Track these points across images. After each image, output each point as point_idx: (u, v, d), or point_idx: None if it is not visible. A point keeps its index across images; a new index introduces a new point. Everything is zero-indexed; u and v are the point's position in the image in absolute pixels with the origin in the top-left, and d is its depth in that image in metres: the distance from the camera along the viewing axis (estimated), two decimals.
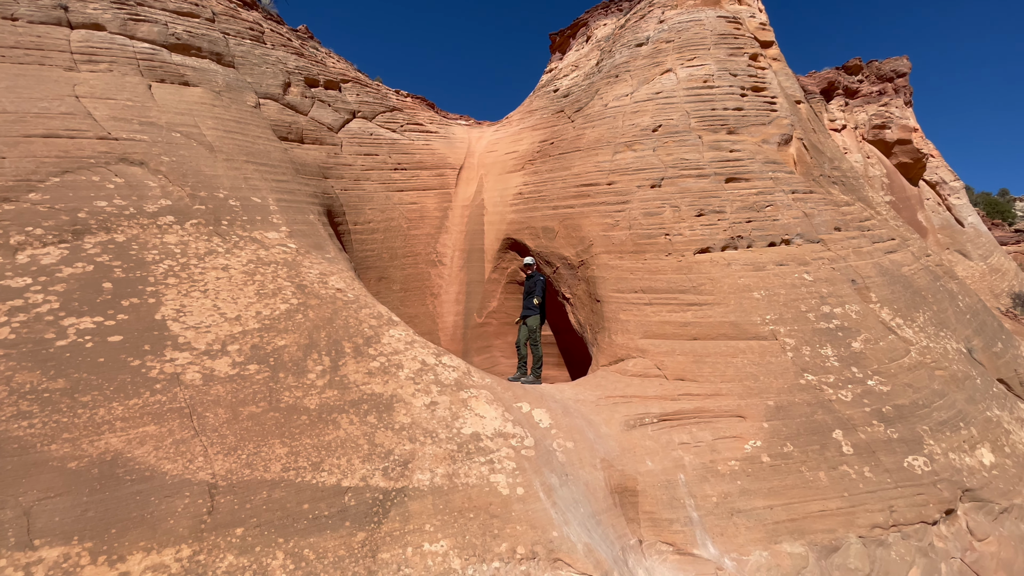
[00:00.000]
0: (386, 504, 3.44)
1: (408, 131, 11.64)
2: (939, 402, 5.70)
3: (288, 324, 4.50)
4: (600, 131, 9.50)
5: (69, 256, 4.25)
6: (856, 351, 6.01)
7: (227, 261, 4.95)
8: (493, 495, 3.73)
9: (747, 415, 5.31)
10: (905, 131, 21.21)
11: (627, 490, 4.61)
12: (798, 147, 9.04)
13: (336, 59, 11.71)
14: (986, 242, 20.68)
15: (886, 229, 8.53)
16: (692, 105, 9.11)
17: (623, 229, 7.72)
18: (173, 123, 6.40)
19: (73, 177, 4.96)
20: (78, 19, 6.85)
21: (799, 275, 6.83)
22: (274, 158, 7.26)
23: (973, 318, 7.87)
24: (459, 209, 11.27)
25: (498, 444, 4.17)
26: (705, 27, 10.28)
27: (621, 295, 7.05)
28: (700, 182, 8.00)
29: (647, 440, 5.06)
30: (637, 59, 10.39)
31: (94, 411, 3.29)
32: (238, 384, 3.81)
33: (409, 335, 5.11)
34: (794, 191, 8.05)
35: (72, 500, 2.87)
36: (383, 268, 9.68)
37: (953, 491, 4.91)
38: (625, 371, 6.18)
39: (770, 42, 10.84)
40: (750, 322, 6.22)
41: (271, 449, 3.48)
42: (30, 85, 5.74)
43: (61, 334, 3.66)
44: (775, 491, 4.71)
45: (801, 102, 10.50)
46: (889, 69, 23.00)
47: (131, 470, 3.09)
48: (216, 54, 8.05)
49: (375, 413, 4.01)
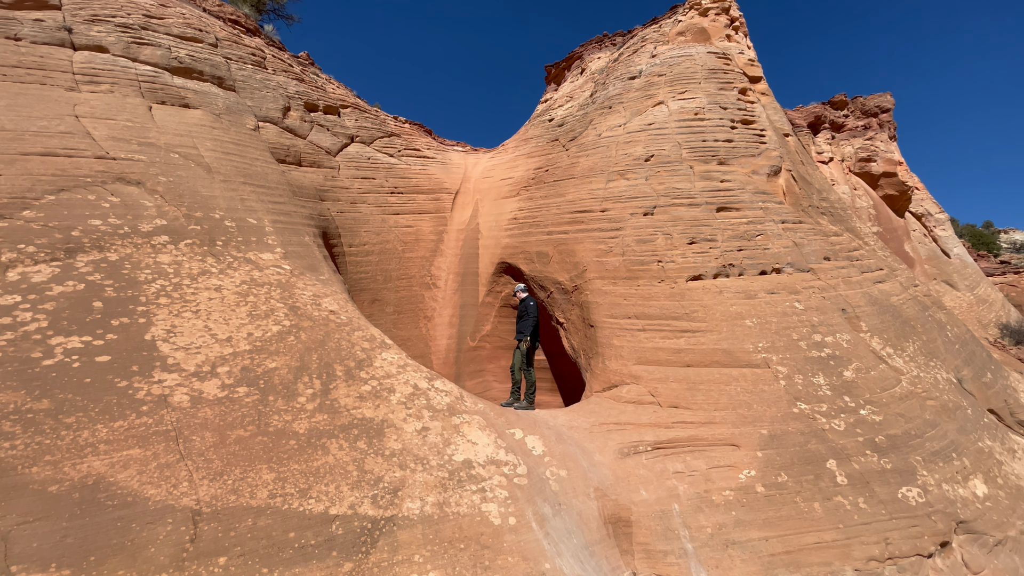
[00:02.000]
0: (375, 533, 3.35)
1: (405, 156, 11.80)
2: (931, 432, 5.71)
3: (280, 346, 4.46)
4: (594, 160, 9.68)
5: (60, 274, 4.22)
6: (848, 380, 6.04)
7: (220, 282, 4.92)
8: (484, 525, 3.66)
9: (741, 444, 5.28)
10: (890, 164, 21.78)
11: (621, 520, 4.53)
12: (787, 178, 9.25)
13: (336, 85, 11.93)
14: (972, 273, 21.04)
15: (874, 259, 8.68)
16: (683, 136, 9.33)
17: (616, 255, 7.79)
18: (172, 144, 6.45)
19: (69, 195, 4.95)
20: (82, 41, 6.96)
21: (790, 304, 6.90)
22: (271, 180, 7.31)
23: (962, 348, 7.96)
24: (454, 233, 11.35)
25: (490, 472, 4.11)
26: (696, 62, 10.63)
27: (615, 320, 7.07)
28: (692, 211, 8.13)
29: (641, 469, 5.00)
30: (630, 91, 10.68)
31: (78, 433, 3.21)
32: (227, 407, 3.74)
33: (402, 358, 5.07)
34: (784, 221, 8.20)
35: (51, 525, 2.77)
36: (377, 290, 9.66)
37: (947, 523, 4.88)
38: (619, 397, 6.15)
39: (758, 77, 11.20)
40: (743, 350, 6.25)
41: (258, 474, 3.40)
42: (30, 104, 5.78)
43: (48, 353, 3.60)
44: (770, 522, 4.65)
45: (789, 135, 10.80)
46: (873, 105, 23.76)
47: (113, 495, 3.00)
48: (218, 78, 8.18)
49: (365, 438, 3.95)
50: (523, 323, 7.11)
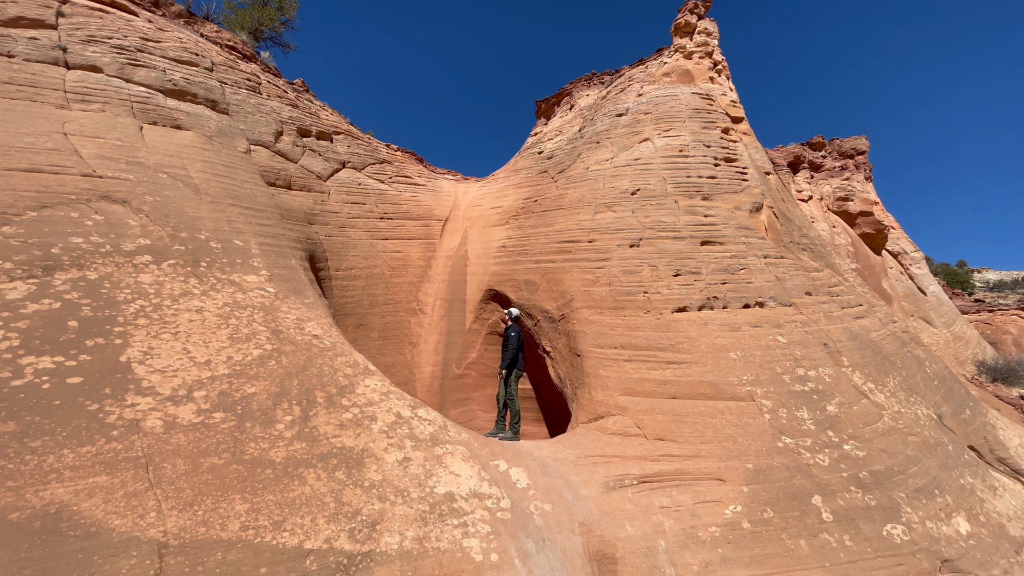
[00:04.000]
0: (351, 569, 3.22)
1: (396, 183, 11.90)
2: (914, 468, 5.73)
3: (260, 371, 4.35)
4: (582, 192, 9.86)
5: (36, 292, 4.10)
6: (831, 415, 6.07)
7: (202, 303, 4.83)
8: (465, 561, 3.53)
9: (727, 478, 5.23)
10: (867, 204, 22.55)
11: (606, 557, 4.42)
12: (769, 215, 9.50)
13: (330, 112, 12.08)
14: (948, 310, 21.58)
15: (854, 295, 8.87)
16: (669, 172, 9.59)
17: (603, 285, 7.85)
18: (161, 164, 6.42)
19: (51, 212, 4.87)
20: (76, 60, 6.99)
21: (773, 337, 6.98)
22: (260, 202, 7.29)
23: (941, 384, 8.08)
24: (443, 259, 11.36)
25: (473, 505, 4.00)
26: (680, 102, 11.02)
27: (601, 350, 7.06)
28: (677, 243, 8.28)
29: (627, 503, 4.92)
30: (617, 127, 11.00)
31: (43, 458, 3.06)
32: (201, 433, 3.62)
33: (385, 385, 4.98)
34: (766, 255, 8.38)
35: (9, 555, 2.61)
36: (362, 315, 9.56)
37: (932, 562, 4.84)
38: (605, 429, 6.09)
39: (740, 118, 11.64)
40: (728, 382, 6.27)
41: (230, 505, 3.26)
42: (18, 120, 5.74)
43: (18, 373, 3.46)
44: (756, 560, 4.57)
45: (770, 173, 11.15)
46: (850, 147, 24.76)
47: (76, 524, 2.84)
48: (211, 101, 8.24)
49: (344, 468, 3.83)
50: (504, 352, 7.15)
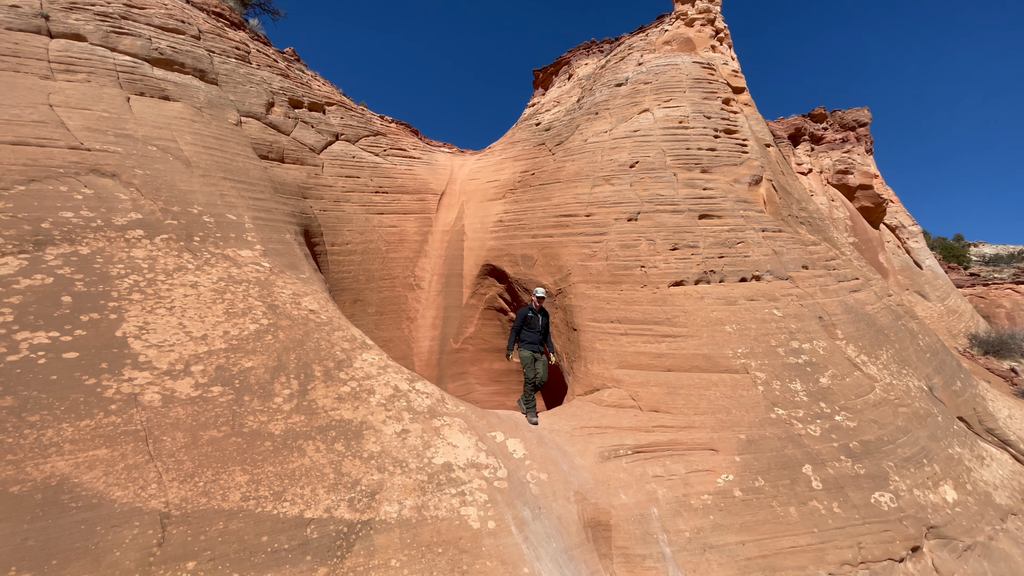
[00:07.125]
0: (351, 537, 3.29)
1: (391, 155, 11.71)
2: (903, 439, 5.84)
3: (257, 345, 4.36)
4: (580, 164, 9.73)
5: (28, 267, 4.07)
6: (824, 386, 6.15)
7: (196, 278, 4.81)
8: (463, 529, 3.62)
9: (719, 448, 5.33)
10: (866, 177, 22.36)
11: (600, 524, 4.53)
12: (768, 188, 9.42)
13: (322, 82, 11.79)
14: (943, 284, 21.68)
15: (850, 269, 8.88)
16: (668, 144, 9.44)
17: (600, 260, 7.83)
18: (150, 136, 6.29)
19: (40, 186, 4.79)
20: (59, 29, 6.76)
21: (769, 310, 7.01)
22: (252, 176, 7.18)
23: (933, 357, 8.17)
24: (439, 234, 11.28)
25: (470, 475, 4.07)
26: (681, 71, 10.77)
27: (598, 324, 7.09)
28: (675, 217, 8.22)
29: (621, 472, 5.02)
30: (616, 98, 10.78)
31: (42, 432, 3.09)
32: (200, 407, 3.65)
33: (383, 359, 5.01)
34: (764, 229, 8.34)
35: (12, 527, 2.66)
36: (359, 290, 9.55)
37: (919, 528, 4.99)
38: (600, 401, 6.16)
39: (741, 88, 11.40)
40: (722, 355, 6.32)
41: (231, 476, 3.31)
42: (1, 91, 5.58)
43: (13, 349, 3.46)
44: (747, 526, 4.70)
45: (771, 145, 11.00)
46: (851, 119, 24.39)
47: (77, 496, 2.89)
48: (200, 71, 8.02)
49: (343, 440, 3.88)
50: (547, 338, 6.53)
